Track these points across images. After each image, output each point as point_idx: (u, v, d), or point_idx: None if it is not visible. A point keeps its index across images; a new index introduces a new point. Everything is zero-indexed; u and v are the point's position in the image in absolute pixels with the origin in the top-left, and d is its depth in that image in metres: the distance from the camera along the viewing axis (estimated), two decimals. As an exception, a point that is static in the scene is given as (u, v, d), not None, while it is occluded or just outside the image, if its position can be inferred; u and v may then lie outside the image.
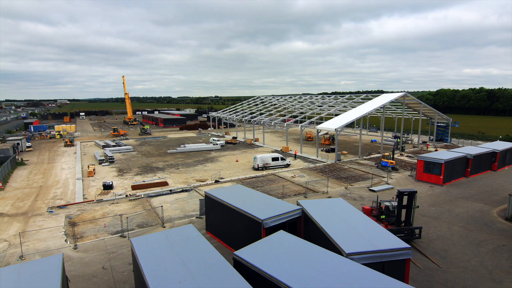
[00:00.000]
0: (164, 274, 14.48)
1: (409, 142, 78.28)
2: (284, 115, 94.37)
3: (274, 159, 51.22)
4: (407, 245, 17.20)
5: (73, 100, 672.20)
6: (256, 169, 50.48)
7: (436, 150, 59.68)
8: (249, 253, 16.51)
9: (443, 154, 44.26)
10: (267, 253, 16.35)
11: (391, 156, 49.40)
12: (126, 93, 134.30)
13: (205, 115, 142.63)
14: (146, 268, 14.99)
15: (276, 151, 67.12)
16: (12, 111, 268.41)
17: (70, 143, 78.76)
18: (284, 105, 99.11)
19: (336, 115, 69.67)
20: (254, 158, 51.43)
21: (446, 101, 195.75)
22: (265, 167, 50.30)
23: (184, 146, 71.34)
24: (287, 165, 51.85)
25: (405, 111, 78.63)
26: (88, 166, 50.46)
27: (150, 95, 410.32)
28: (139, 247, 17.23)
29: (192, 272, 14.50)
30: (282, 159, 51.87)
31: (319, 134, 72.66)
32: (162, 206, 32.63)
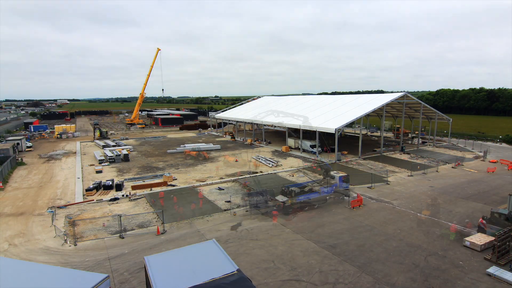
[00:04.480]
0: None
1: (409, 142, 78.29)
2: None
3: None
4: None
5: (73, 100, 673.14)
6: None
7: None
8: None
9: None
10: None
11: None
12: (142, 94, 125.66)
13: (210, 114, 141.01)
14: None
15: (276, 151, 67.48)
16: (12, 111, 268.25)
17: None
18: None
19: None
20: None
21: (446, 101, 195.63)
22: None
23: (184, 146, 71.37)
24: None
25: (405, 111, 78.70)
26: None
27: (150, 95, 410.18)
28: (153, 269, 16.50)
29: None
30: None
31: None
32: (161, 210, 32.63)
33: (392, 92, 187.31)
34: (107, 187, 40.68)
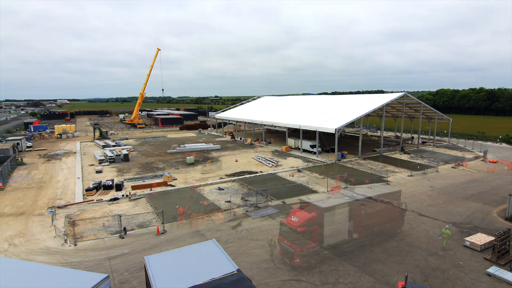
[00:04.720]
0: None
1: (409, 142, 78.30)
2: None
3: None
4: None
5: (73, 100, 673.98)
6: None
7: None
8: None
9: None
10: None
11: None
12: (142, 94, 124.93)
13: (210, 114, 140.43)
14: None
15: (276, 151, 67.49)
16: (12, 111, 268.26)
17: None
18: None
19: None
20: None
21: (446, 101, 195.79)
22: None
23: (184, 146, 71.40)
24: None
25: (405, 111, 78.69)
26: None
27: (150, 95, 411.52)
28: (153, 268, 16.65)
29: None
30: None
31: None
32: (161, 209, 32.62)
33: (392, 92, 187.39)
34: (107, 187, 40.65)
